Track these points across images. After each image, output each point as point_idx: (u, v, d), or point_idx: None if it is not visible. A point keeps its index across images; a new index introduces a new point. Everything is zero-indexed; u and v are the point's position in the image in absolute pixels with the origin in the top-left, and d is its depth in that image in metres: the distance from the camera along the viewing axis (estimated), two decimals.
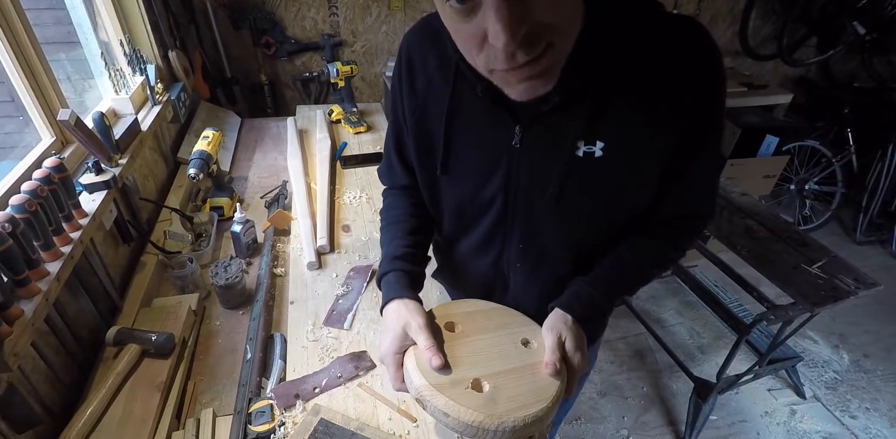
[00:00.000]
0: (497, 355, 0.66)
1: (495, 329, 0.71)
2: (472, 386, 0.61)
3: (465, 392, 0.60)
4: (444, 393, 0.60)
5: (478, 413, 0.58)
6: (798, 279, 1.59)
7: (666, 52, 0.60)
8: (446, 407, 0.59)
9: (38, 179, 0.88)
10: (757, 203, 2.01)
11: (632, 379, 2.17)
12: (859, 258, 2.86)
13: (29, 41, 1.05)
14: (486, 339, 0.69)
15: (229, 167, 1.71)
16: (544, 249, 0.80)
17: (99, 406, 0.85)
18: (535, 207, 0.74)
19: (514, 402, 0.60)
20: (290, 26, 2.56)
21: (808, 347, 2.35)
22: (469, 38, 0.54)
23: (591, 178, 0.68)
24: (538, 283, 0.85)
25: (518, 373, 0.64)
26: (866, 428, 1.98)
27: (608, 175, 0.67)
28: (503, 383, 0.62)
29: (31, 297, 0.79)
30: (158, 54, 1.75)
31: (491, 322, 0.72)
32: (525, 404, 0.60)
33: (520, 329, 0.71)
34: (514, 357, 0.66)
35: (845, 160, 3.03)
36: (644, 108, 0.62)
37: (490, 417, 0.58)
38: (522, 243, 0.80)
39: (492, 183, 0.74)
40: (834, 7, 3.11)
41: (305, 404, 0.88)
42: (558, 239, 0.78)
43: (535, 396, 0.61)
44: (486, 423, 0.58)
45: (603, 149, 0.65)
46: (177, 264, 1.14)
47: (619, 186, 0.69)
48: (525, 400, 0.60)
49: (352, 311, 1.08)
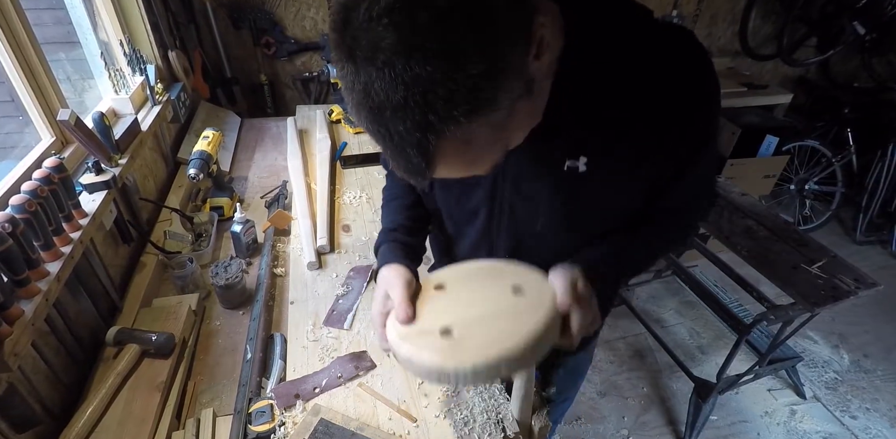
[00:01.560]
0: (479, 303, 0.64)
1: (484, 278, 0.68)
2: (440, 332, 0.59)
3: (431, 339, 0.59)
4: (407, 341, 0.60)
5: (437, 356, 0.57)
6: (798, 279, 1.59)
7: (654, 70, 0.58)
8: (408, 353, 0.59)
9: (38, 179, 0.88)
10: (757, 203, 2.01)
11: (632, 379, 2.17)
12: (859, 258, 2.86)
13: (29, 41, 1.06)
14: (473, 290, 0.66)
15: (229, 167, 1.71)
16: (531, 258, 0.78)
17: (99, 406, 0.85)
18: (519, 218, 0.74)
19: (480, 345, 0.57)
20: (290, 26, 2.56)
21: (808, 347, 2.35)
22: None
23: (575, 192, 0.67)
24: None
25: (495, 318, 0.60)
26: (866, 429, 1.98)
27: (593, 189, 0.67)
28: (476, 328, 0.59)
29: (31, 297, 0.79)
30: (158, 54, 1.75)
31: (483, 274, 0.70)
32: (491, 345, 0.57)
33: (514, 277, 0.66)
34: (496, 303, 0.62)
35: (845, 160, 3.03)
36: (630, 124, 0.61)
37: (449, 359, 0.56)
38: (509, 253, 0.80)
39: (476, 194, 0.74)
40: (834, 7, 3.11)
41: (305, 404, 0.88)
42: (544, 248, 0.77)
43: (505, 337, 0.57)
44: (445, 366, 0.56)
45: (587, 165, 0.64)
46: (177, 264, 1.14)
47: (604, 200, 0.69)
48: (493, 342, 0.57)
49: (352, 311, 1.08)
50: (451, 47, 0.40)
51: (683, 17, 3.07)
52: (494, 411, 0.86)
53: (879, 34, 3.15)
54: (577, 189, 0.67)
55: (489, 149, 0.50)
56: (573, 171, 0.64)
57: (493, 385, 0.91)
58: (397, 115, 0.43)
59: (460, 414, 0.86)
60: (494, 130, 0.47)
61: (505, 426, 0.84)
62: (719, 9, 3.15)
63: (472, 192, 0.75)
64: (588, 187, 0.66)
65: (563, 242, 0.76)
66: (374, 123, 0.45)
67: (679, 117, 0.60)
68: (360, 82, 0.43)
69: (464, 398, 0.89)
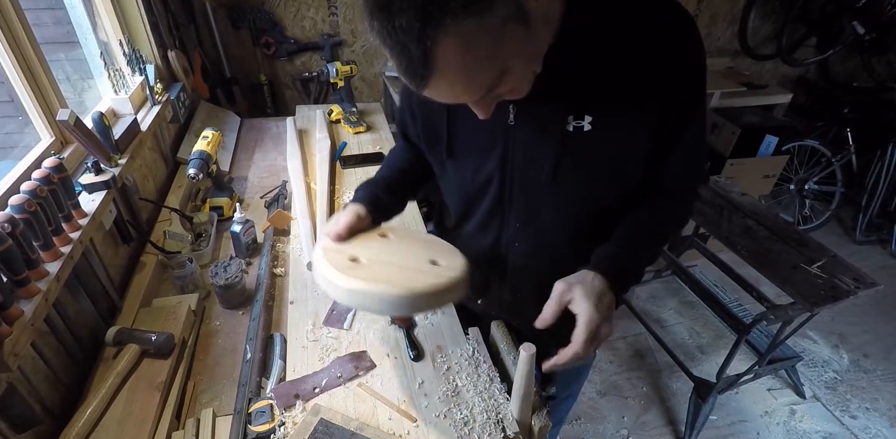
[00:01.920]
0: (397, 256, 0.73)
1: (419, 244, 0.78)
2: (349, 258, 0.70)
3: (340, 257, 0.70)
4: (323, 251, 0.71)
5: (333, 270, 0.67)
6: (798, 279, 1.59)
7: (646, 31, 0.64)
8: (316, 259, 0.71)
9: (37, 179, 0.88)
10: (757, 203, 2.01)
11: (632, 379, 2.18)
12: (859, 258, 2.87)
13: (28, 41, 1.05)
14: (402, 247, 0.77)
15: (229, 167, 1.71)
16: (541, 228, 0.83)
17: (99, 406, 0.85)
18: (530, 184, 0.78)
19: (369, 277, 0.66)
20: (290, 26, 2.56)
21: (807, 347, 2.35)
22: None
23: (582, 152, 0.71)
24: (535, 265, 0.88)
25: (398, 269, 0.69)
26: (866, 428, 1.98)
27: (599, 148, 0.71)
28: (378, 267, 0.69)
29: (31, 297, 0.79)
30: (158, 54, 1.75)
31: (421, 241, 0.80)
32: (377, 281, 0.66)
33: (441, 253, 0.75)
34: (409, 262, 0.71)
35: (845, 160, 3.03)
36: (628, 83, 0.66)
37: (339, 276, 0.66)
38: (520, 222, 0.83)
39: (490, 160, 0.78)
40: (833, 7, 3.11)
41: (305, 404, 0.88)
42: (554, 216, 0.81)
43: (392, 282, 0.66)
44: (332, 279, 0.66)
45: (591, 124, 0.68)
46: (176, 264, 1.14)
47: (610, 159, 0.73)
48: (379, 280, 0.66)
49: (351, 311, 1.08)
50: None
51: None
52: (494, 411, 0.86)
53: (879, 34, 3.16)
54: (583, 148, 0.71)
55: (485, 67, 0.55)
56: (579, 131, 0.69)
57: (493, 384, 0.91)
58: (401, 7, 0.48)
59: (460, 414, 0.86)
60: (490, 40, 0.52)
61: (505, 426, 0.84)
62: (719, 9, 3.15)
63: (485, 163, 0.79)
64: (594, 145, 0.70)
65: (568, 209, 0.80)
66: (380, 20, 0.50)
67: (672, 73, 0.66)
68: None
69: (464, 398, 0.89)
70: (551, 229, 0.83)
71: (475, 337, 1.01)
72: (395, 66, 0.55)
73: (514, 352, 0.93)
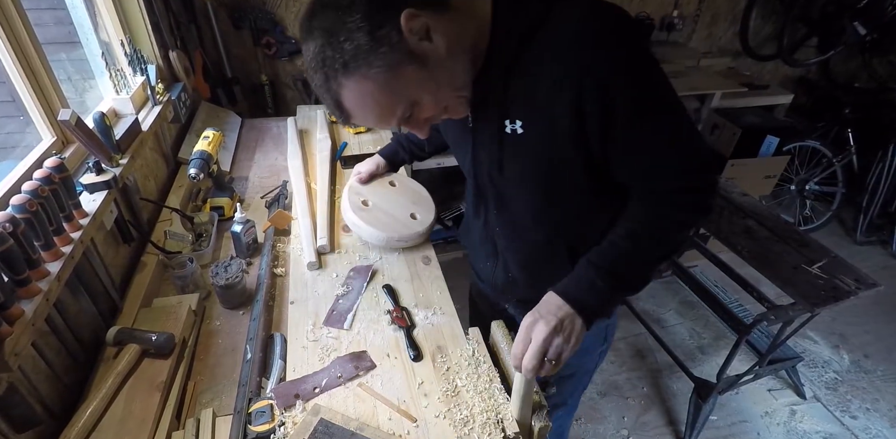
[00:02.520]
0: (391, 205, 1.24)
1: (409, 196, 1.30)
2: (362, 200, 1.22)
3: (357, 198, 1.22)
4: (348, 191, 1.23)
5: (349, 206, 1.20)
6: (798, 279, 1.59)
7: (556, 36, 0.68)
8: (344, 192, 1.24)
9: (38, 179, 0.88)
10: (757, 203, 2.01)
11: (632, 379, 2.18)
12: (859, 258, 2.86)
13: (30, 41, 1.06)
14: (397, 198, 1.27)
15: (230, 167, 1.71)
16: (514, 217, 0.94)
17: (99, 406, 0.86)
18: (493, 178, 0.89)
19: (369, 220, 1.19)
20: (291, 26, 2.56)
21: (808, 347, 2.35)
22: None
23: (520, 152, 0.80)
24: (518, 248, 0.99)
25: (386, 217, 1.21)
26: (866, 429, 1.98)
27: (533, 148, 0.78)
28: (376, 213, 1.21)
29: (32, 297, 0.79)
30: (159, 54, 1.75)
31: (413, 192, 1.31)
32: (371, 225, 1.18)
33: (421, 208, 1.27)
34: (396, 212, 1.23)
35: (846, 160, 3.03)
36: (542, 90, 0.71)
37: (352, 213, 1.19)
38: (496, 209, 0.95)
39: (466, 154, 0.91)
40: (834, 7, 3.11)
41: (305, 404, 0.88)
42: (522, 208, 0.91)
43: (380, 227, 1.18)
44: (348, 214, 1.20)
45: (522, 127, 0.76)
46: (177, 264, 1.14)
47: (546, 158, 0.79)
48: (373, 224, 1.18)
49: (352, 311, 1.08)
50: (329, 27, 0.63)
51: (684, 18, 3.07)
52: (494, 411, 0.86)
53: (880, 34, 3.15)
54: (519, 149, 0.79)
55: (387, 104, 0.69)
56: (514, 133, 0.77)
57: (493, 384, 0.91)
58: (313, 70, 0.67)
59: (460, 414, 0.86)
60: (380, 86, 0.66)
61: (505, 426, 0.84)
62: (720, 9, 3.15)
63: (464, 156, 0.93)
64: (527, 147, 0.78)
65: (531, 201, 0.89)
66: (310, 78, 0.69)
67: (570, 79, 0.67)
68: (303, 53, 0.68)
69: (464, 398, 0.90)
70: (520, 217, 0.93)
71: (475, 338, 1.01)
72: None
73: None
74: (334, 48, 0.63)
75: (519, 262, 1.00)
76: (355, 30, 0.62)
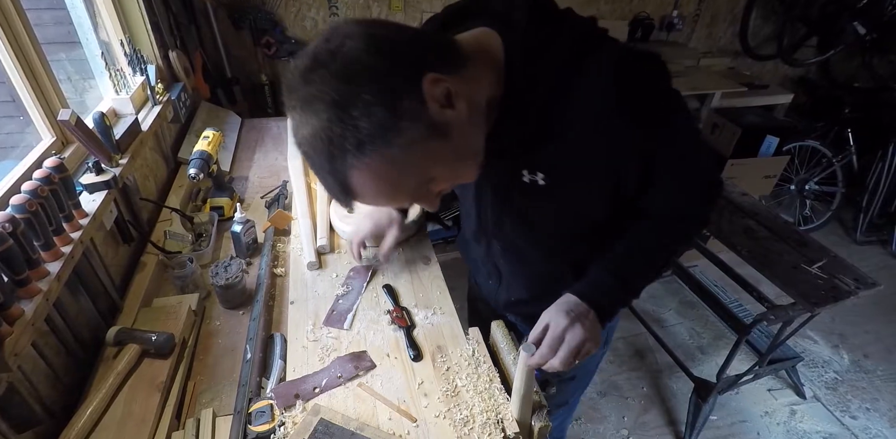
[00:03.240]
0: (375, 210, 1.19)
1: None
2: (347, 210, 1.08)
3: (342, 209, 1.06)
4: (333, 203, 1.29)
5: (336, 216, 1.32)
6: (798, 279, 1.59)
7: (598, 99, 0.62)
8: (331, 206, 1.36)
9: (38, 179, 0.88)
10: (757, 203, 2.01)
11: (632, 379, 2.18)
12: (859, 258, 2.86)
13: (29, 41, 1.05)
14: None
15: (229, 167, 1.71)
16: (520, 251, 0.92)
17: (99, 406, 0.85)
18: (504, 225, 0.87)
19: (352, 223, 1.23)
20: (291, 26, 2.56)
21: (808, 347, 2.35)
22: None
23: (542, 202, 0.77)
24: (522, 274, 0.98)
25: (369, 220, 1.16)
26: (866, 429, 1.98)
27: (554, 199, 0.75)
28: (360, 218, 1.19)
29: (32, 297, 0.79)
30: (159, 54, 1.75)
31: None
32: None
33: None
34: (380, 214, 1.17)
35: (845, 160, 3.03)
36: (572, 147, 0.66)
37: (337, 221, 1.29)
38: (500, 246, 0.94)
39: (469, 196, 0.89)
40: (834, 7, 3.11)
41: (305, 404, 0.88)
42: (527, 244, 0.89)
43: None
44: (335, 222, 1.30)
45: (545, 180, 0.72)
46: (177, 264, 1.14)
47: (572, 210, 0.78)
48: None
49: (351, 311, 1.08)
50: (339, 99, 0.51)
51: (684, 18, 3.07)
52: (494, 411, 0.86)
53: (880, 34, 3.15)
54: (541, 198, 0.75)
55: (402, 183, 0.59)
56: (534, 183, 0.73)
57: (493, 384, 0.91)
58: (314, 152, 0.55)
59: (460, 414, 0.86)
60: (398, 166, 0.56)
61: (505, 426, 0.84)
62: (719, 9, 3.15)
63: (466, 196, 0.91)
64: (551, 196, 0.74)
65: (540, 240, 0.87)
66: (304, 155, 0.57)
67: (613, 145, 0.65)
68: (292, 126, 0.56)
69: (464, 398, 0.90)
70: (528, 252, 0.91)
71: (475, 338, 1.01)
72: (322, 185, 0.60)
73: (514, 352, 0.94)
74: (345, 125, 0.51)
75: (524, 285, 1.00)
76: (372, 103, 0.51)
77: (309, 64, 0.52)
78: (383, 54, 0.52)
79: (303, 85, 0.52)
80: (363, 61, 0.51)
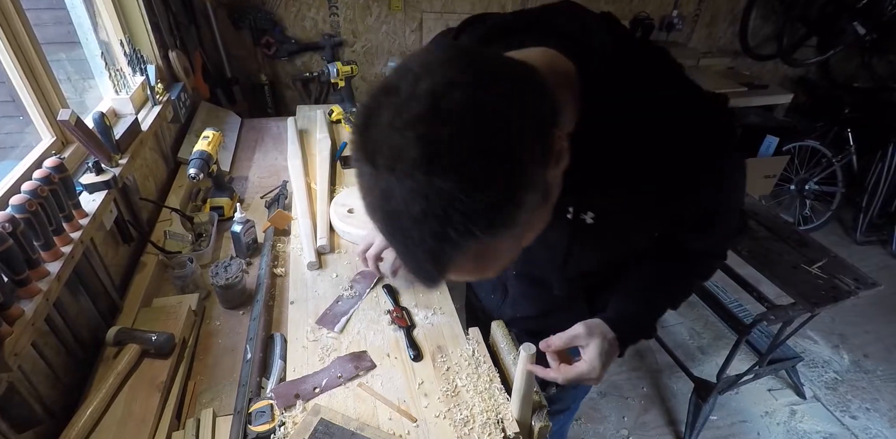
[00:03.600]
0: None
1: None
2: (348, 210, 1.35)
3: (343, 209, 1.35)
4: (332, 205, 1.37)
5: (336, 217, 1.33)
6: (798, 279, 1.59)
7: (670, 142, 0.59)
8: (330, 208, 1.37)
9: (38, 179, 0.88)
10: (757, 203, 2.01)
11: (632, 379, 2.17)
12: (859, 258, 2.86)
13: (29, 41, 1.05)
14: None
15: (229, 167, 1.71)
16: (536, 278, 0.90)
17: (99, 406, 0.85)
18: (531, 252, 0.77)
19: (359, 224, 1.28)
20: (291, 26, 2.56)
21: (808, 347, 2.35)
22: None
23: (581, 238, 0.73)
24: (533, 295, 0.96)
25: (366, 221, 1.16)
26: (866, 429, 1.98)
27: (600, 237, 0.72)
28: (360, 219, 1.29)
29: (32, 297, 0.79)
30: (159, 54, 1.75)
31: None
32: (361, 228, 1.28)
33: None
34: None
35: (845, 160, 3.03)
36: (631, 189, 0.63)
37: (338, 222, 1.31)
38: (516, 270, 0.91)
39: None
40: (834, 7, 3.11)
41: (305, 404, 0.88)
42: (549, 273, 0.86)
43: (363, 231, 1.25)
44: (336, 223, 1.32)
45: (594, 219, 0.68)
46: (177, 264, 1.14)
47: (612, 244, 0.76)
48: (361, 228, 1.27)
49: (346, 315, 1.08)
50: (471, 166, 0.39)
51: (683, 18, 3.08)
52: (494, 411, 0.86)
53: (879, 34, 3.16)
54: (583, 236, 0.72)
55: (503, 257, 0.50)
56: (581, 222, 0.69)
57: (493, 384, 0.91)
58: (415, 224, 0.42)
59: (460, 414, 0.86)
60: (516, 241, 0.49)
61: (505, 426, 0.84)
62: (719, 9, 3.15)
63: None
64: (595, 236, 0.71)
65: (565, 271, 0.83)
66: (390, 227, 0.45)
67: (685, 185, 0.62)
68: (378, 187, 0.42)
69: (464, 398, 0.90)
70: (547, 279, 0.88)
71: (475, 338, 1.01)
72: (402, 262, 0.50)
73: (514, 352, 0.93)
74: (474, 200, 0.40)
75: (533, 305, 0.98)
76: (506, 170, 0.41)
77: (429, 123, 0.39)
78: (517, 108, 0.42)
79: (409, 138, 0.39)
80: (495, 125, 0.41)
